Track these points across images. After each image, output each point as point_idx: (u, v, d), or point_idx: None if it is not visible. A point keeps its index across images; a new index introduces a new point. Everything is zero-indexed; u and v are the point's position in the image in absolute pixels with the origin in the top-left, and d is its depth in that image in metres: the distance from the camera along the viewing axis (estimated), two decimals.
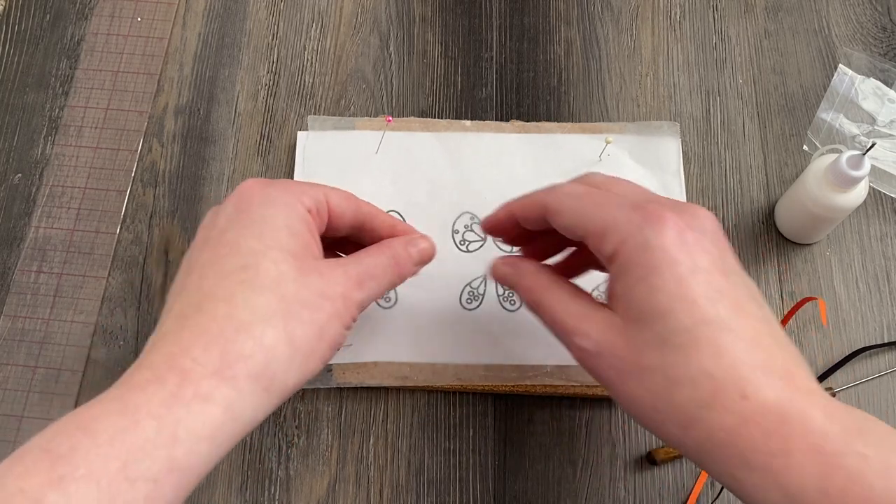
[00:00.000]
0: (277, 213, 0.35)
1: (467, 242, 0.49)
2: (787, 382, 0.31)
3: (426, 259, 0.41)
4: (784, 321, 0.47)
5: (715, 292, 0.32)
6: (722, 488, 0.45)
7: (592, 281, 0.42)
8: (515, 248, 0.44)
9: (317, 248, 0.37)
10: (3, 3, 0.58)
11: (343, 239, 0.41)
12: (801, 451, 0.29)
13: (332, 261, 0.36)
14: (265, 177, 0.52)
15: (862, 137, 0.53)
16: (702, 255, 0.33)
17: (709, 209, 0.52)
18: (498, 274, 0.40)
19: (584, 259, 0.41)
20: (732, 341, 0.31)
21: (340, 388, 0.47)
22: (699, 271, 0.32)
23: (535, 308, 0.38)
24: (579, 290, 0.37)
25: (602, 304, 0.36)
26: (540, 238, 0.41)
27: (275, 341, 0.32)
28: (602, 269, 0.39)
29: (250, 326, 0.31)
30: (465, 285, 0.48)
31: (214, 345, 0.30)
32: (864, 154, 0.43)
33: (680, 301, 0.32)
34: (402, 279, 0.40)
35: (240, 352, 0.31)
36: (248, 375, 0.31)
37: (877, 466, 0.28)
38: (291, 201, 0.36)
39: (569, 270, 0.42)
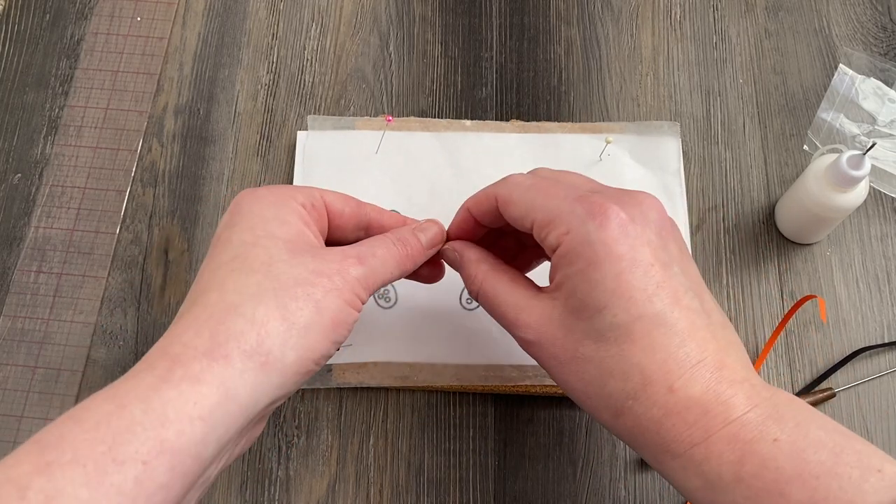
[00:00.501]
0: (267, 207, 0.35)
1: None
2: (716, 374, 0.32)
3: (437, 242, 0.41)
4: (784, 321, 0.47)
5: (653, 286, 0.33)
6: None
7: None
8: None
9: (314, 237, 0.36)
10: (3, 3, 0.57)
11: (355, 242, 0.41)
12: (720, 441, 0.30)
13: (331, 247, 0.36)
14: (265, 176, 0.52)
15: (862, 137, 0.53)
16: (643, 249, 0.33)
17: (709, 209, 0.52)
18: (445, 257, 0.41)
19: (536, 252, 0.42)
20: (665, 335, 0.32)
21: (340, 388, 0.47)
22: (638, 265, 0.33)
23: (478, 296, 0.38)
24: (520, 278, 0.38)
25: (541, 290, 0.36)
26: (502, 240, 0.42)
27: (266, 317, 0.31)
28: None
29: (240, 306, 0.31)
30: None
31: (205, 328, 0.30)
32: (864, 154, 0.43)
33: (617, 297, 0.33)
34: (413, 262, 0.39)
35: (230, 330, 0.30)
36: (242, 353, 0.30)
37: (787, 450, 0.29)
38: (282, 197, 0.36)
39: (520, 262, 0.42)
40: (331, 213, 0.38)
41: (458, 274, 0.48)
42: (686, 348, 0.32)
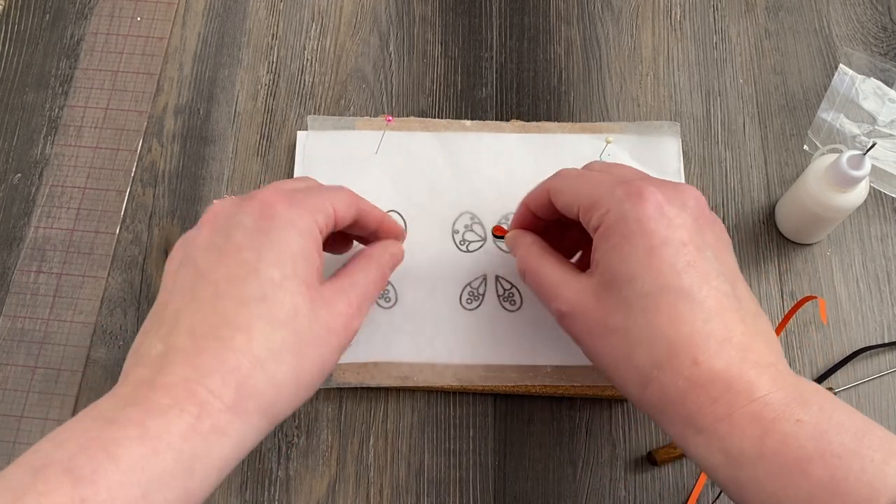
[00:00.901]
0: (294, 238, 0.35)
1: (467, 242, 0.49)
2: (741, 354, 0.33)
3: (397, 264, 0.44)
4: (784, 321, 0.47)
5: (684, 264, 0.34)
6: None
7: None
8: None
9: (322, 264, 0.38)
10: (3, 3, 0.57)
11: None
12: (743, 417, 0.31)
13: (335, 285, 0.37)
14: (265, 177, 0.52)
15: (862, 137, 0.53)
16: (677, 229, 0.35)
17: (709, 209, 0.52)
18: (507, 241, 0.45)
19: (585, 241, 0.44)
20: (691, 310, 0.33)
21: (340, 389, 0.47)
22: (671, 243, 0.34)
23: (524, 273, 0.41)
24: (564, 260, 0.40)
25: (579, 270, 0.39)
26: (558, 232, 0.44)
27: (285, 379, 0.33)
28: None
29: (265, 363, 0.32)
30: (465, 285, 0.48)
31: (231, 378, 0.31)
32: (864, 154, 0.43)
33: (647, 269, 0.34)
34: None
35: (254, 388, 0.32)
36: (258, 410, 0.32)
37: (810, 431, 0.30)
38: (308, 224, 0.36)
39: (568, 251, 0.44)
40: (336, 223, 0.39)
41: (458, 274, 0.48)
42: (712, 324, 0.33)
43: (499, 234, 0.49)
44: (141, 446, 0.28)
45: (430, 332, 0.47)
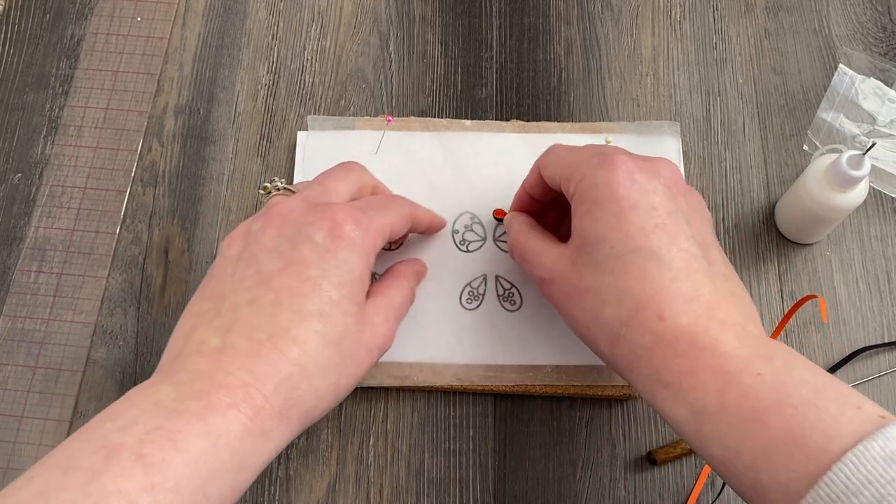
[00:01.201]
0: (357, 262, 0.37)
1: (467, 242, 0.49)
2: (708, 312, 0.34)
3: (422, 280, 0.47)
4: (784, 320, 0.47)
5: (652, 226, 0.36)
6: (722, 488, 0.45)
7: None
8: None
9: (369, 282, 0.40)
10: (3, 3, 0.58)
11: None
12: (706, 371, 0.32)
13: (376, 303, 0.40)
14: (265, 177, 0.52)
15: (862, 137, 0.53)
16: (647, 195, 0.36)
17: (709, 209, 0.52)
18: (505, 223, 0.47)
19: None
20: (658, 269, 0.35)
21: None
22: (640, 206, 0.36)
23: (513, 249, 0.44)
24: (547, 234, 0.42)
25: (560, 241, 0.41)
26: (551, 213, 0.46)
27: (325, 392, 0.35)
28: None
29: (313, 377, 0.35)
30: (465, 285, 0.48)
31: (283, 387, 0.33)
32: (864, 154, 0.43)
33: (616, 230, 0.36)
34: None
35: (299, 398, 0.34)
36: (299, 418, 0.34)
37: (770, 383, 0.31)
38: (368, 248, 0.38)
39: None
40: (389, 240, 0.41)
41: (458, 274, 0.48)
42: (679, 284, 0.34)
43: (499, 216, 0.49)
44: (204, 441, 0.30)
45: (430, 332, 0.47)
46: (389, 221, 0.40)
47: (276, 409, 0.33)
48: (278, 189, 0.42)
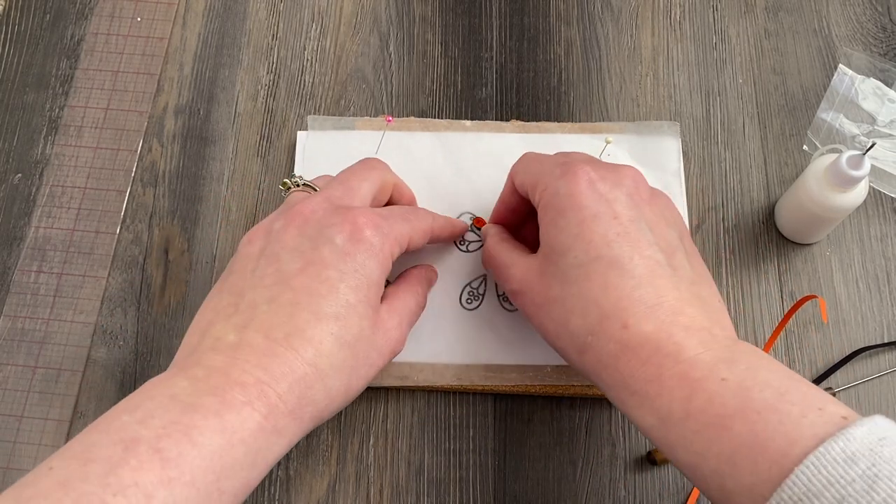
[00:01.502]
0: (375, 267, 0.38)
1: (467, 242, 0.49)
2: (671, 318, 0.34)
3: (433, 284, 0.47)
4: (784, 321, 0.47)
5: (614, 234, 0.36)
6: None
7: None
8: None
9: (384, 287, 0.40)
10: (3, 3, 0.58)
11: None
12: (671, 378, 0.33)
13: (390, 307, 0.40)
14: (265, 177, 0.52)
15: (862, 137, 0.53)
16: (609, 203, 0.37)
17: (709, 209, 0.52)
18: (482, 234, 0.48)
19: None
20: (621, 277, 0.35)
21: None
22: (601, 216, 0.37)
23: (485, 261, 0.44)
24: (519, 245, 0.43)
25: (532, 252, 0.41)
26: (531, 225, 0.46)
27: (337, 393, 0.36)
28: None
29: (326, 377, 0.35)
30: (465, 285, 0.48)
31: (297, 386, 0.34)
32: (864, 154, 0.43)
33: (579, 240, 0.36)
34: None
35: (312, 397, 0.34)
36: (311, 417, 0.35)
37: (734, 388, 0.31)
38: (387, 254, 0.39)
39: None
40: (407, 250, 0.41)
41: (458, 274, 0.48)
42: (641, 291, 0.35)
43: (478, 225, 0.49)
44: (220, 437, 0.31)
45: (430, 331, 0.47)
46: (409, 232, 0.41)
47: (289, 408, 0.33)
48: (298, 185, 0.42)
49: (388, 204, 0.45)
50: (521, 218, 0.46)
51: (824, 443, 0.28)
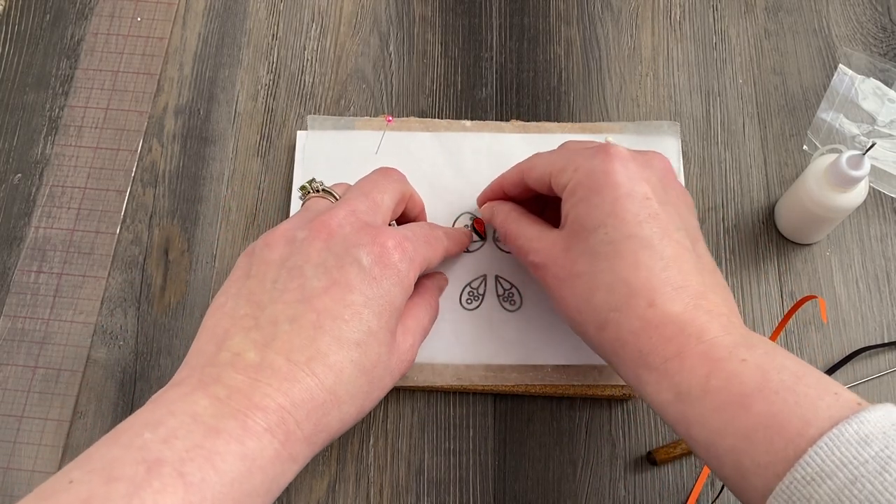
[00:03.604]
0: (399, 293, 0.38)
1: None
2: (695, 301, 0.35)
3: (443, 292, 0.48)
4: (784, 321, 0.47)
5: (647, 216, 0.37)
6: (722, 488, 0.45)
7: None
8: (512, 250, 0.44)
9: None
10: (3, 3, 0.58)
11: None
12: (692, 356, 0.33)
13: (406, 327, 0.40)
14: (265, 177, 0.52)
15: (862, 137, 0.53)
16: (642, 183, 0.38)
17: (709, 209, 0.52)
18: (484, 213, 0.48)
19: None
20: (651, 257, 0.36)
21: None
22: (635, 195, 0.37)
23: (505, 237, 0.44)
24: (539, 220, 0.43)
25: (552, 227, 0.41)
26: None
27: (351, 418, 0.36)
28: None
29: (343, 404, 0.35)
30: (465, 285, 0.48)
31: (315, 414, 0.34)
32: (864, 154, 0.43)
33: (612, 217, 0.37)
34: None
35: (328, 423, 0.34)
36: (324, 442, 0.35)
37: (753, 369, 0.32)
38: (411, 280, 0.39)
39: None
40: (426, 270, 0.42)
41: (458, 274, 0.48)
42: (669, 272, 0.36)
43: (477, 225, 0.49)
44: (241, 464, 0.31)
45: (431, 332, 0.47)
46: (431, 256, 0.41)
47: (305, 435, 0.33)
48: (318, 191, 0.42)
49: (403, 214, 0.45)
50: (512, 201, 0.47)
51: (839, 424, 0.29)
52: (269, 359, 0.34)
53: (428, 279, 0.45)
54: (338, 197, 0.41)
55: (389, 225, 0.43)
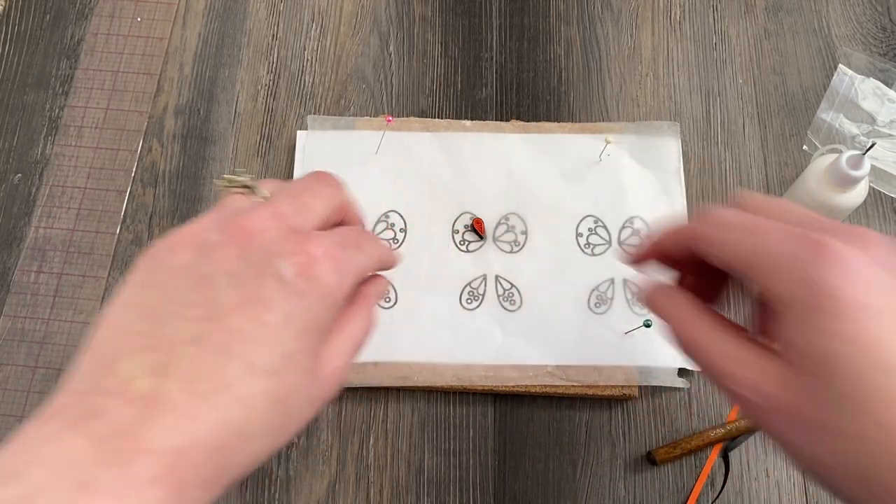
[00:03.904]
0: (324, 312, 0.31)
1: (467, 242, 0.49)
2: None
3: (383, 296, 0.41)
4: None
5: None
6: (722, 488, 0.45)
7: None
8: (517, 251, 0.44)
9: None
10: (3, 3, 0.58)
11: None
12: None
13: (334, 344, 0.34)
14: (265, 177, 0.52)
15: (862, 137, 0.53)
16: (883, 293, 0.29)
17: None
18: (650, 304, 0.37)
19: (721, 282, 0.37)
20: None
21: (340, 389, 0.47)
22: (882, 312, 0.28)
23: (687, 345, 0.34)
24: (736, 328, 0.33)
25: (760, 344, 0.32)
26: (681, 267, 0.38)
27: (260, 456, 0.30)
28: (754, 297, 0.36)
29: (252, 443, 0.29)
30: (465, 285, 0.48)
31: (217, 456, 0.28)
32: (863, 154, 0.43)
33: (858, 347, 0.28)
34: None
35: (232, 465, 0.29)
36: (226, 486, 0.29)
37: None
38: (344, 294, 0.32)
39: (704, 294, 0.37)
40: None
41: (458, 274, 0.48)
42: None
43: (477, 225, 0.49)
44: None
45: (430, 332, 0.47)
46: (366, 264, 0.34)
47: (203, 479, 0.27)
48: (242, 187, 0.35)
49: (337, 226, 0.37)
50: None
51: None
52: (164, 388, 0.27)
53: (365, 285, 0.37)
54: (266, 196, 0.34)
55: None
